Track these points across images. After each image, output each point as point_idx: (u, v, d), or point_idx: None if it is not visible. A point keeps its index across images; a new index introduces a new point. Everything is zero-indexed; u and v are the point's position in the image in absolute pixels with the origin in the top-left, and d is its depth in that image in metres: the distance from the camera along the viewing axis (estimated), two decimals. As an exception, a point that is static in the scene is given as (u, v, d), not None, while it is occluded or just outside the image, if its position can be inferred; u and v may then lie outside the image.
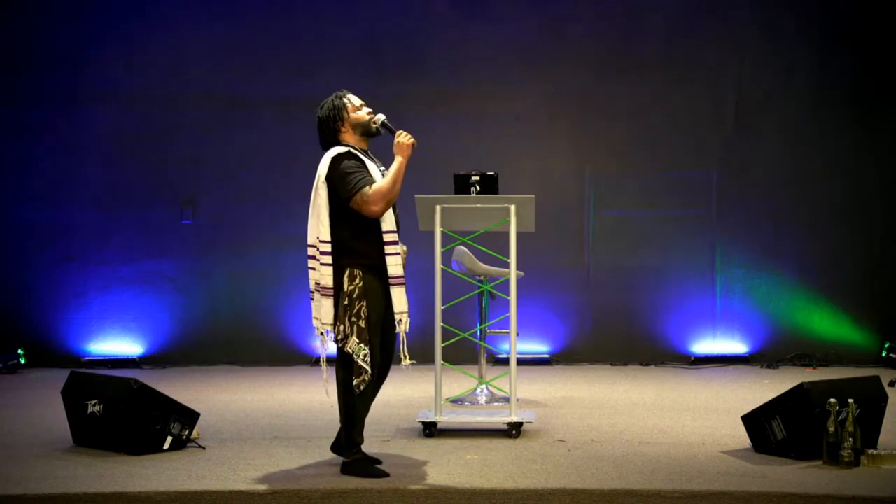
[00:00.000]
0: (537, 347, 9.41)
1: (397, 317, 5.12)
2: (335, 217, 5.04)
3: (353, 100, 5.27)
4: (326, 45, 9.49)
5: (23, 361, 9.12)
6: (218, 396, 7.61)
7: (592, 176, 9.51)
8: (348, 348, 5.03)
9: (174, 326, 9.45)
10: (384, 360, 5.25)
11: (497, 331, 7.20)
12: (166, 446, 5.56)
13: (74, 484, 4.91)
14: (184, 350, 9.39)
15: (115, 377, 5.96)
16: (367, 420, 6.58)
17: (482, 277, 7.21)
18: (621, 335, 9.45)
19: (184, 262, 9.48)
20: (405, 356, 5.16)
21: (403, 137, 5.12)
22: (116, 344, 9.39)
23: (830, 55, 9.49)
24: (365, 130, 5.25)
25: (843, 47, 9.48)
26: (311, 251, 5.07)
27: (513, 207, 6.03)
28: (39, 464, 5.36)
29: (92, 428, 5.65)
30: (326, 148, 5.23)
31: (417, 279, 9.09)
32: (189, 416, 5.68)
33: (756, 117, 9.51)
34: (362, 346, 5.02)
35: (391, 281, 5.11)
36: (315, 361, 9.35)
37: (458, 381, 7.74)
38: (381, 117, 5.26)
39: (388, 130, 5.24)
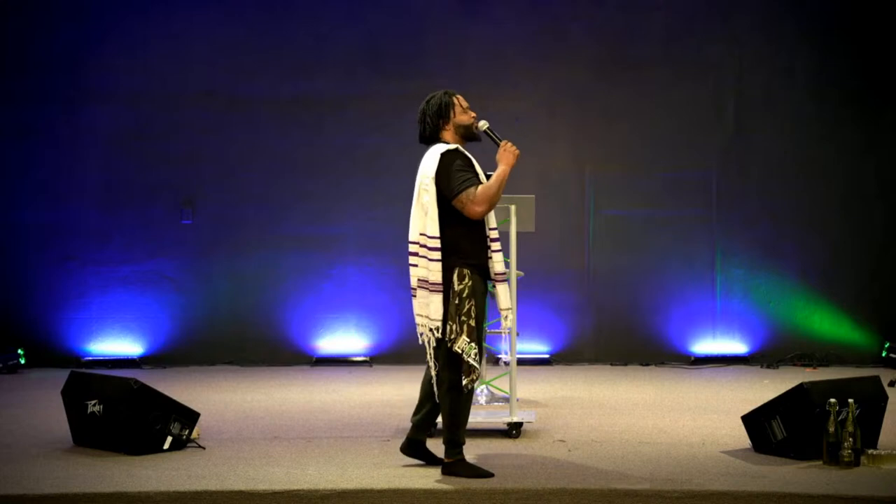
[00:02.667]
0: (537, 347, 9.41)
1: (503, 313, 5.10)
2: (443, 215, 5.00)
3: (461, 101, 5.16)
4: (326, 45, 9.49)
5: (23, 361, 9.11)
6: (218, 396, 7.61)
7: (592, 176, 9.51)
8: (457, 347, 4.93)
9: (174, 326, 9.45)
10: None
11: (497, 331, 7.20)
12: (166, 446, 5.55)
13: (74, 484, 4.91)
14: (184, 350, 9.39)
15: (115, 377, 5.96)
16: (368, 420, 6.60)
17: (482, 277, 7.19)
18: (621, 335, 9.46)
19: (184, 262, 9.48)
20: (508, 352, 5.14)
21: (509, 147, 5.06)
22: (116, 344, 9.39)
23: (830, 55, 9.50)
24: (466, 133, 5.15)
25: (842, 47, 9.49)
26: (413, 247, 5.07)
27: (513, 207, 6.04)
28: (39, 464, 5.35)
29: (92, 428, 5.65)
30: (424, 142, 5.17)
31: (417, 279, 9.13)
32: (189, 416, 5.67)
33: (756, 117, 9.51)
34: (473, 344, 4.95)
35: (497, 278, 5.08)
36: (315, 361, 9.35)
37: (458, 381, 7.72)
38: (484, 124, 5.17)
39: (492, 139, 5.16)
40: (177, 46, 9.50)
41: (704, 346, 9.41)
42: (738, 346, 9.42)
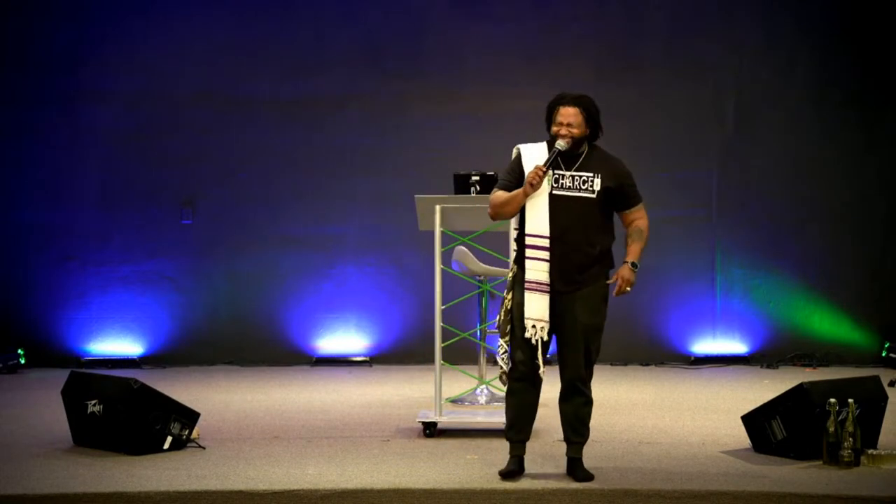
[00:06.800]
0: (537, 347, 9.39)
1: (527, 321, 4.98)
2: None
3: (561, 113, 5.07)
4: (326, 45, 9.49)
5: (23, 361, 9.11)
6: (218, 396, 7.61)
7: (592, 176, 9.49)
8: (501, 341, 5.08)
9: (174, 326, 9.45)
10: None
11: (493, 331, 7.19)
12: (166, 446, 5.56)
13: (74, 484, 4.91)
14: (184, 350, 9.38)
15: (115, 377, 5.97)
16: (368, 420, 6.60)
17: (482, 277, 7.21)
18: (621, 335, 9.42)
19: (184, 262, 9.47)
20: (540, 364, 5.00)
21: (531, 173, 4.97)
22: (116, 344, 9.39)
23: (830, 54, 9.49)
24: (552, 141, 5.10)
25: (843, 46, 9.48)
26: None
27: (512, 207, 6.01)
28: (39, 464, 5.36)
29: (92, 428, 5.65)
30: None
31: (417, 279, 9.13)
32: (189, 416, 5.68)
33: (756, 116, 9.51)
34: (500, 339, 5.04)
35: (526, 285, 5.00)
36: (315, 361, 9.36)
37: (458, 381, 7.74)
38: (560, 144, 5.06)
39: (551, 158, 5.06)
40: (177, 46, 9.49)
41: (704, 346, 9.41)
42: (738, 346, 9.42)
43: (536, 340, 4.97)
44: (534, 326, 4.99)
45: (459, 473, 5.09)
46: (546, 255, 5.00)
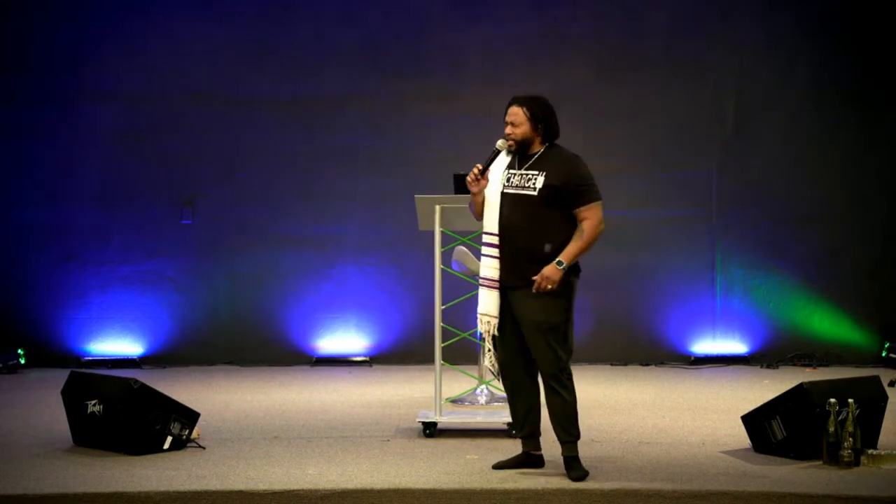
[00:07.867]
0: (537, 347, 9.39)
1: (479, 317, 5.12)
2: None
3: (507, 115, 5.18)
4: (326, 45, 9.49)
5: (23, 361, 9.11)
6: (218, 396, 7.61)
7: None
8: None
9: (174, 326, 9.45)
10: (512, 360, 5.14)
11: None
12: (166, 446, 5.56)
13: (74, 484, 4.91)
14: (184, 350, 9.38)
15: (115, 377, 5.97)
16: (368, 420, 6.60)
17: (482, 277, 7.19)
18: (621, 335, 9.45)
19: (184, 262, 9.47)
20: (491, 361, 5.12)
21: (473, 171, 5.13)
22: (116, 344, 9.39)
23: (830, 54, 9.49)
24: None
25: (843, 46, 9.48)
26: None
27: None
28: (39, 464, 5.36)
29: (92, 428, 5.65)
30: None
31: (417, 279, 9.13)
32: (189, 416, 5.68)
33: (756, 117, 9.51)
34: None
35: (480, 281, 5.15)
36: (315, 361, 9.36)
37: (458, 381, 7.74)
38: (497, 146, 5.19)
39: (489, 157, 5.18)
40: (177, 46, 9.49)
41: (704, 346, 9.41)
42: (738, 346, 9.42)
43: (488, 335, 5.08)
44: (480, 321, 5.11)
45: (459, 473, 5.09)
46: (495, 251, 5.08)
